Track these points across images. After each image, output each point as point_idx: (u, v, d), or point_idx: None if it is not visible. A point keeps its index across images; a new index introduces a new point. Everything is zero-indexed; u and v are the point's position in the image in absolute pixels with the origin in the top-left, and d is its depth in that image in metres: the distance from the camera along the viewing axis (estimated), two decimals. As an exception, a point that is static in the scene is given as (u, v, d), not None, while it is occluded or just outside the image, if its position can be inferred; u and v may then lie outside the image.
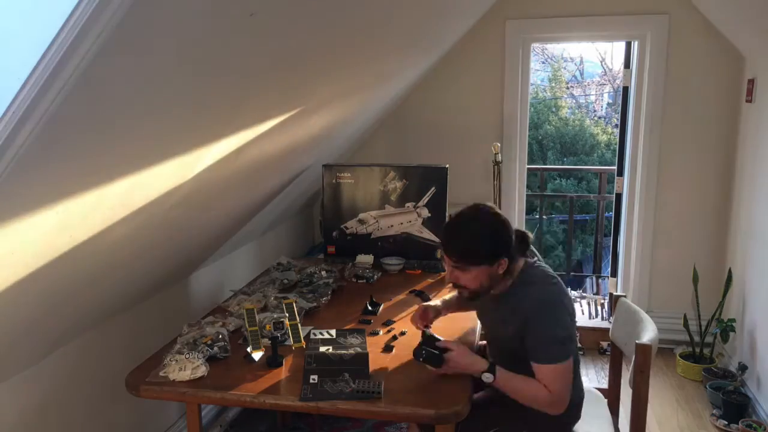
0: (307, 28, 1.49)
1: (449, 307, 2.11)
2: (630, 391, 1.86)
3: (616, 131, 5.21)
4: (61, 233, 1.31)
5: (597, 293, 4.56)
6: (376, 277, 2.65)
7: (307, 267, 2.65)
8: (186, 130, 1.43)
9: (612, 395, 2.19)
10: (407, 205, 2.84)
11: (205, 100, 1.40)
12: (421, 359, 1.75)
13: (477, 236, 1.73)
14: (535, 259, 1.91)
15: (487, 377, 1.73)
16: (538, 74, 11.02)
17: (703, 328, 3.39)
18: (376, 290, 2.51)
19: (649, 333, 1.87)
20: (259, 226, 3.14)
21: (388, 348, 1.96)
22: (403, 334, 2.08)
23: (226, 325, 2.07)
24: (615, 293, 2.25)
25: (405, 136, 3.94)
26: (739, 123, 3.44)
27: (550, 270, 1.86)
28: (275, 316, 1.95)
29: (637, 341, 1.81)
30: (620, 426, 2.11)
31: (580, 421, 1.97)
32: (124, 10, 0.86)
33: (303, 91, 1.89)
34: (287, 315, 1.91)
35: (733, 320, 3.23)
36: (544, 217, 5.65)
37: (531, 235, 1.86)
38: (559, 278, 1.84)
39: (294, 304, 1.94)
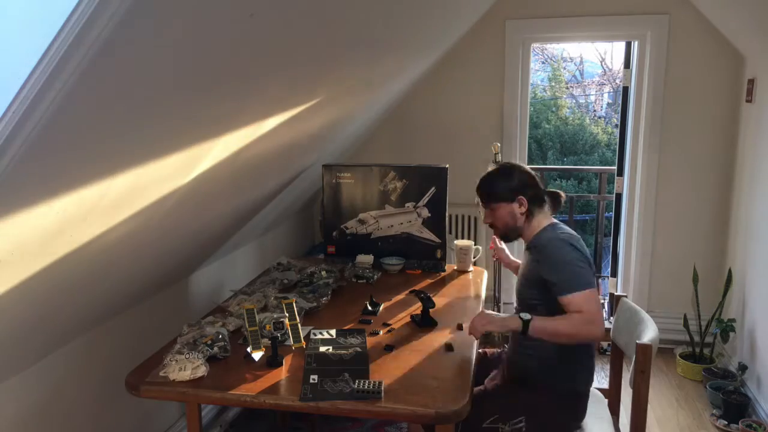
0: (307, 28, 1.49)
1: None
2: (630, 391, 1.86)
3: (616, 131, 5.21)
4: (61, 233, 1.31)
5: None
6: (376, 277, 2.65)
7: (307, 267, 2.65)
8: (186, 131, 1.43)
9: (612, 395, 2.19)
10: (407, 205, 2.83)
11: (204, 101, 1.40)
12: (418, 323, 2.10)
13: (496, 175, 2.08)
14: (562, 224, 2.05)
15: (525, 315, 1.84)
16: (538, 74, 11.02)
17: (703, 328, 3.39)
18: (376, 290, 2.51)
19: (649, 333, 1.87)
20: (259, 226, 3.14)
21: (388, 348, 1.96)
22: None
23: (226, 325, 2.07)
24: (615, 293, 2.25)
25: (405, 136, 3.94)
26: (739, 123, 3.44)
27: (572, 232, 2.00)
28: (275, 316, 1.95)
29: (637, 341, 1.81)
30: (621, 426, 2.11)
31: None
32: (123, 10, 0.86)
33: (303, 91, 1.89)
34: (287, 315, 1.91)
35: (733, 320, 3.23)
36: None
37: (564, 196, 2.10)
38: (579, 238, 1.98)
39: (294, 304, 1.94)
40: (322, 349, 1.92)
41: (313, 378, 1.74)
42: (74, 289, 1.65)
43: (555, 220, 2.04)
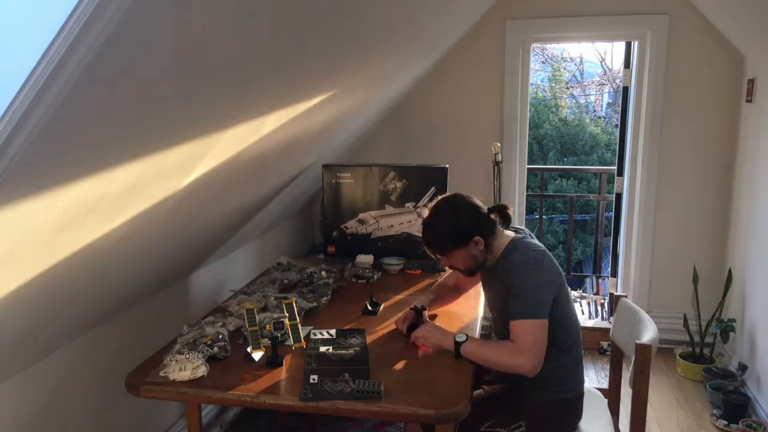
0: (307, 28, 1.49)
1: (437, 304, 2.29)
2: (630, 390, 1.86)
3: (616, 131, 5.21)
4: (61, 233, 1.31)
5: (597, 293, 4.56)
6: (376, 277, 2.65)
7: (307, 267, 2.65)
8: (186, 132, 1.43)
9: (612, 395, 2.19)
10: (407, 205, 2.84)
11: (204, 101, 1.40)
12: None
13: (440, 223, 1.92)
14: (524, 235, 1.97)
15: (460, 337, 1.85)
16: (538, 74, 11.02)
17: (703, 328, 3.39)
18: (376, 290, 2.51)
19: (649, 333, 1.87)
20: (259, 226, 3.14)
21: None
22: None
23: (226, 325, 2.07)
24: (615, 293, 2.25)
25: (405, 136, 3.94)
26: (739, 123, 3.44)
27: (539, 245, 1.93)
28: (275, 315, 1.95)
29: (637, 341, 1.81)
30: (620, 426, 2.11)
31: (581, 420, 1.98)
32: (123, 10, 0.86)
33: (303, 91, 1.89)
34: (287, 315, 1.91)
35: (733, 320, 3.23)
36: (544, 217, 5.65)
37: (510, 208, 1.96)
38: (546, 251, 1.90)
39: (294, 304, 1.94)
40: (322, 349, 1.92)
41: (313, 378, 1.74)
42: (74, 289, 1.65)
43: (514, 235, 1.95)
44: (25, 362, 1.78)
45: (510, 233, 1.96)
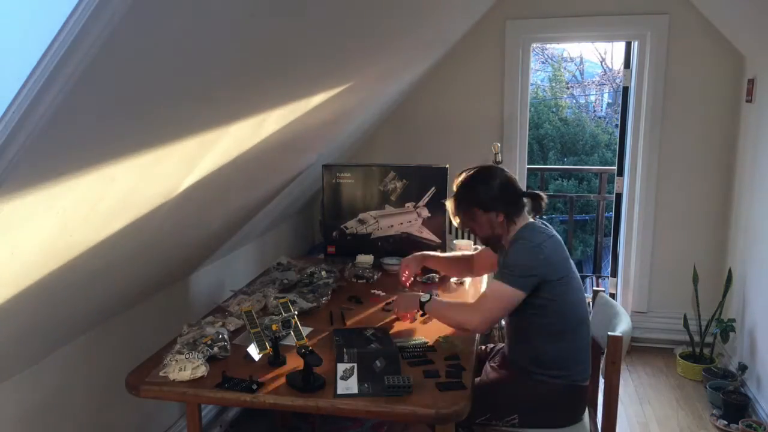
0: (307, 28, 1.49)
1: (444, 263, 2.44)
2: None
3: (616, 131, 5.21)
4: (61, 233, 1.31)
5: (597, 293, 4.56)
6: (376, 277, 2.65)
7: (307, 267, 2.65)
8: (186, 132, 1.43)
9: (591, 388, 2.19)
10: (407, 205, 2.83)
11: (204, 101, 1.40)
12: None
13: (475, 180, 1.98)
14: (540, 222, 2.00)
15: (425, 297, 2.00)
16: (538, 74, 11.02)
17: (703, 328, 3.39)
18: (376, 290, 2.51)
19: (622, 326, 1.92)
20: (259, 226, 3.14)
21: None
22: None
23: (226, 325, 2.07)
24: (615, 293, 2.26)
25: (405, 136, 3.94)
26: (739, 123, 3.44)
27: (552, 232, 1.95)
28: (285, 315, 1.93)
29: (609, 333, 1.85)
30: (598, 420, 2.11)
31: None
32: (123, 10, 0.86)
33: (303, 91, 1.89)
34: (295, 313, 1.91)
35: (733, 320, 3.23)
36: (545, 216, 5.64)
37: (544, 200, 2.00)
38: (555, 237, 1.93)
39: (289, 303, 1.94)
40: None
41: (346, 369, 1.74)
42: (74, 289, 1.65)
43: (531, 221, 1.98)
44: (25, 362, 1.78)
45: (529, 219, 1.99)
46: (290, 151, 2.41)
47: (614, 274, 3.99)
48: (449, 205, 2.03)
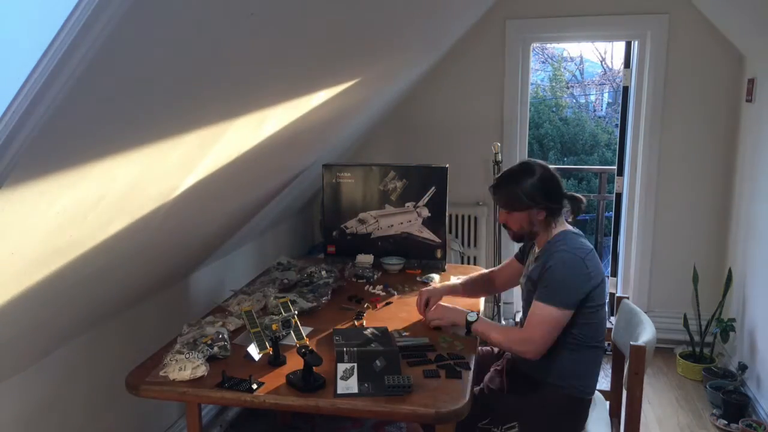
0: (306, 29, 1.49)
1: (464, 289, 2.32)
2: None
3: (616, 131, 5.21)
4: (61, 233, 1.31)
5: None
6: (376, 277, 2.65)
7: (307, 267, 2.65)
8: (186, 132, 1.43)
9: (613, 398, 2.18)
10: (407, 204, 2.83)
11: (205, 100, 1.40)
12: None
13: (518, 175, 1.94)
14: (578, 233, 1.98)
15: (471, 316, 1.97)
16: (538, 74, 11.01)
17: (703, 327, 3.39)
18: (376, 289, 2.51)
19: (645, 335, 1.87)
20: (259, 226, 3.14)
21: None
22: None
23: (226, 325, 2.07)
24: (617, 294, 2.25)
25: (405, 136, 3.94)
26: (739, 123, 3.43)
27: (588, 245, 1.93)
28: (285, 314, 1.93)
29: (631, 343, 1.81)
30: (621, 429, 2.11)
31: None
32: (123, 10, 0.86)
33: (303, 90, 1.89)
34: (294, 313, 1.91)
35: (733, 320, 3.23)
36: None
37: (584, 200, 1.99)
38: (593, 251, 1.91)
39: (289, 303, 1.94)
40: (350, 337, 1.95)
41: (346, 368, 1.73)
42: (74, 289, 1.65)
43: (569, 227, 1.97)
44: (25, 362, 1.78)
45: (568, 226, 1.98)
46: (290, 151, 2.41)
47: (614, 273, 3.99)
48: (494, 194, 2.00)
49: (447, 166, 2.82)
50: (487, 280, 2.36)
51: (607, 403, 2.18)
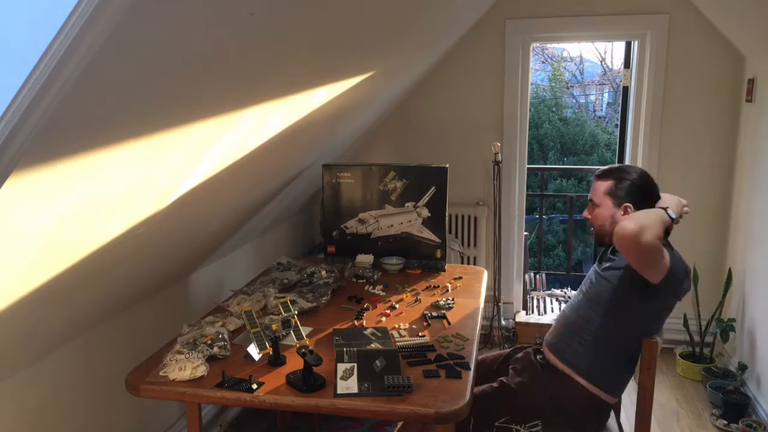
0: (306, 29, 1.49)
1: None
2: (629, 389, 1.87)
3: (616, 131, 5.21)
4: (61, 233, 1.31)
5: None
6: (376, 276, 2.65)
7: (307, 266, 2.65)
8: (185, 132, 1.43)
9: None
10: (407, 204, 2.83)
11: (205, 100, 1.40)
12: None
13: (624, 174, 1.97)
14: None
15: (672, 212, 1.91)
16: (538, 74, 11.02)
17: (703, 327, 3.39)
18: (376, 289, 2.51)
19: None
20: (259, 226, 3.14)
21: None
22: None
23: (226, 324, 2.07)
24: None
25: (405, 135, 3.94)
26: (739, 123, 3.44)
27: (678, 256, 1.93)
28: (285, 314, 1.93)
29: (644, 339, 1.83)
30: (622, 423, 2.11)
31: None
32: (123, 10, 0.86)
33: (303, 90, 1.89)
34: (294, 313, 1.91)
35: (733, 320, 3.23)
36: (545, 216, 5.65)
37: (674, 216, 1.96)
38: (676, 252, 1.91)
39: (289, 302, 1.94)
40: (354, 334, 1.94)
41: (346, 368, 1.73)
42: (74, 289, 1.65)
43: None
44: (25, 362, 1.78)
45: None
46: (290, 151, 2.41)
47: (614, 274, 3.98)
48: (598, 178, 2.01)
49: (447, 166, 2.82)
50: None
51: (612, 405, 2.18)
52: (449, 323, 2.16)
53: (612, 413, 2.08)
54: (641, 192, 1.96)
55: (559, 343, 1.99)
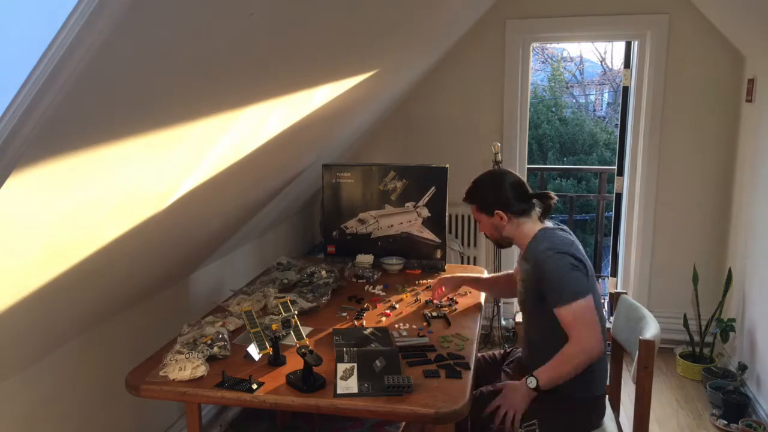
0: (306, 29, 1.49)
1: (484, 284, 2.43)
2: (629, 389, 1.86)
3: (616, 131, 5.21)
4: (61, 233, 1.31)
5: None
6: (376, 277, 2.65)
7: (307, 266, 2.65)
8: (185, 133, 1.43)
9: (613, 393, 2.19)
10: (407, 204, 2.83)
11: (204, 101, 1.40)
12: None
13: (479, 184, 2.06)
14: (556, 227, 2.01)
15: (531, 383, 1.83)
16: (538, 74, 11.02)
17: (703, 327, 3.39)
18: (376, 290, 2.51)
19: (651, 329, 1.88)
20: (259, 226, 3.14)
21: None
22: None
23: (226, 324, 2.07)
24: (615, 291, 2.25)
25: (405, 136, 3.94)
26: (739, 123, 3.44)
27: (570, 237, 1.96)
28: (285, 314, 1.93)
29: (640, 337, 1.82)
30: (621, 423, 2.11)
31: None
32: (123, 10, 0.85)
33: (303, 90, 1.89)
34: (294, 313, 1.91)
35: (733, 320, 3.23)
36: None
37: (553, 199, 2.01)
38: (576, 243, 1.94)
39: (289, 302, 1.94)
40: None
41: (346, 368, 1.73)
42: (74, 288, 1.65)
43: (546, 225, 2.00)
44: (25, 362, 1.78)
45: (548, 224, 2.02)
46: (290, 151, 2.41)
47: (614, 273, 3.99)
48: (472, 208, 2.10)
49: (447, 166, 2.82)
50: (510, 278, 2.36)
51: (606, 397, 2.18)
52: (449, 323, 2.16)
53: (612, 413, 2.08)
54: (498, 190, 2.00)
55: (533, 366, 1.93)
